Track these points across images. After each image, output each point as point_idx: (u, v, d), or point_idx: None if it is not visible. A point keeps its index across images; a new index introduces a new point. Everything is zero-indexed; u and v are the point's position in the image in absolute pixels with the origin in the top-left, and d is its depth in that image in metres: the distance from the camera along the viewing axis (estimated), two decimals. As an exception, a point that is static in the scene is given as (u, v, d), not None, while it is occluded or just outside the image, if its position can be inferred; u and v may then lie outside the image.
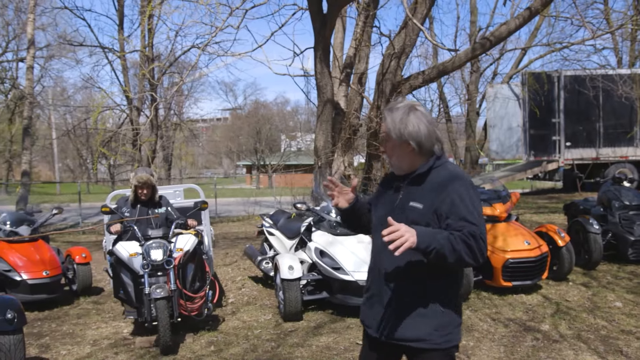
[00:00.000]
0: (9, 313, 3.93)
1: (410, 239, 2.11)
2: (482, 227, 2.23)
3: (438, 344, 2.30)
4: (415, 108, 2.35)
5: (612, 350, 4.50)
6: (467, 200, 2.25)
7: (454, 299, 2.37)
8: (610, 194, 7.55)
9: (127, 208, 5.44)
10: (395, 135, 2.33)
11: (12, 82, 24.33)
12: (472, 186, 2.32)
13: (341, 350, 4.68)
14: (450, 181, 2.29)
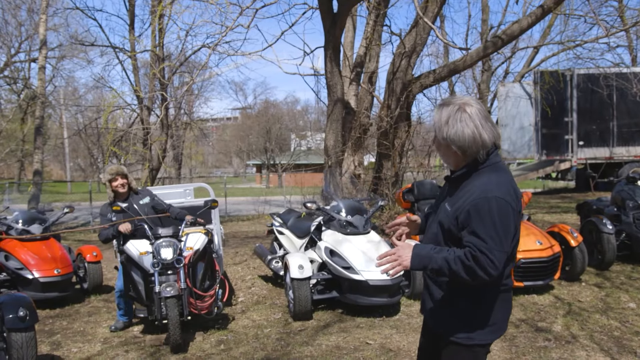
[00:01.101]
0: (21, 311, 3.98)
1: (404, 263, 2.21)
2: (492, 243, 2.13)
3: (459, 339, 2.35)
4: (465, 109, 2.23)
5: (625, 352, 4.46)
6: (485, 215, 2.16)
7: (484, 299, 2.34)
8: (624, 193, 7.47)
9: (111, 213, 5.39)
10: (439, 135, 2.29)
11: (24, 82, 24.57)
12: (498, 200, 2.17)
13: (351, 350, 4.68)
14: (477, 191, 2.22)
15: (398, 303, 5.83)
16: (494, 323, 2.36)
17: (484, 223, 2.16)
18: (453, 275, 2.19)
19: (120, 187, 5.45)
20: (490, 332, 2.37)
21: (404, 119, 10.80)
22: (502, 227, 2.16)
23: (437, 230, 2.40)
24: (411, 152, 11.64)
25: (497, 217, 2.16)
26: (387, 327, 5.27)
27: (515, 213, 2.22)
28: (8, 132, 27.50)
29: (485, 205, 2.17)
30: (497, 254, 2.14)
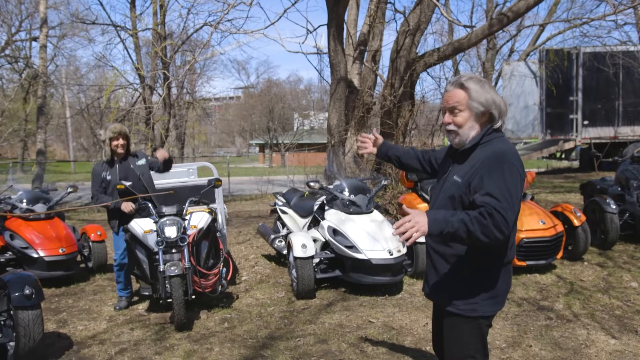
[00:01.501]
0: (27, 289, 4.02)
1: (421, 229, 2.20)
2: (506, 204, 2.22)
3: (462, 310, 2.43)
4: (484, 80, 2.45)
5: (626, 331, 4.49)
6: (497, 176, 2.28)
7: (489, 271, 2.42)
8: (629, 173, 7.44)
9: (106, 171, 5.37)
10: (479, 100, 2.40)
11: (25, 61, 24.46)
12: (510, 164, 2.31)
13: (354, 328, 4.72)
14: (490, 157, 2.34)
15: (401, 282, 5.87)
16: (497, 295, 2.44)
17: (497, 185, 2.26)
18: (469, 236, 2.21)
19: (120, 147, 5.36)
20: (493, 303, 2.44)
21: (408, 98, 10.73)
22: (514, 189, 2.27)
23: (447, 204, 2.45)
24: (414, 132, 11.59)
25: (510, 179, 2.27)
26: (390, 305, 5.31)
27: (522, 180, 2.34)
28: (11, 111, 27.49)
29: (499, 168, 2.29)
30: (510, 214, 2.22)
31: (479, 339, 2.48)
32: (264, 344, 4.43)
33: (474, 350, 2.47)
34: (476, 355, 2.48)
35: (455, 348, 2.51)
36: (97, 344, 4.59)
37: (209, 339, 4.60)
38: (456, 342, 2.50)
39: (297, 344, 4.39)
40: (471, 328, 2.45)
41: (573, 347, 4.17)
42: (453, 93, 2.43)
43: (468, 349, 2.47)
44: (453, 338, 2.51)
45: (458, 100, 2.42)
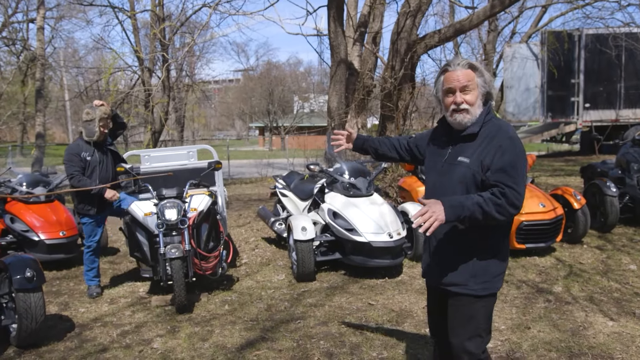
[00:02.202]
0: (28, 272, 4.04)
1: (439, 217, 2.28)
2: (518, 177, 2.35)
3: (474, 290, 2.49)
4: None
5: (624, 313, 4.52)
6: (511, 154, 2.38)
7: (494, 248, 2.50)
8: (629, 156, 7.43)
9: (85, 152, 5.24)
10: (486, 83, 2.51)
11: (23, 43, 24.25)
12: (517, 140, 2.44)
13: (354, 310, 4.75)
14: (497, 134, 2.44)
15: (400, 264, 5.89)
16: (503, 271, 2.55)
17: (510, 161, 2.37)
18: (485, 217, 2.34)
19: (105, 129, 5.30)
20: (500, 279, 2.54)
21: (408, 80, 10.66)
22: (523, 165, 2.41)
23: (456, 186, 2.48)
24: (415, 114, 11.55)
25: (520, 155, 2.41)
26: (390, 288, 5.34)
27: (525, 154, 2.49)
28: (9, 94, 27.36)
29: (511, 145, 2.40)
30: (522, 187, 2.37)
31: (488, 317, 2.56)
32: (264, 326, 4.46)
33: (483, 329, 2.54)
34: (482, 333, 2.54)
35: (466, 327, 2.53)
36: (99, 326, 4.62)
37: (210, 321, 4.63)
38: (468, 323, 2.53)
39: (298, 326, 4.42)
40: (483, 306, 2.52)
41: (571, 328, 4.20)
42: (465, 72, 2.48)
43: (478, 328, 2.53)
44: (464, 319, 2.53)
45: (470, 79, 2.48)
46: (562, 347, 3.87)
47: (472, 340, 2.52)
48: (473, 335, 2.52)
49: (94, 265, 5.49)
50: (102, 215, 5.47)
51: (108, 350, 4.10)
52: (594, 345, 3.89)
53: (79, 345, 4.23)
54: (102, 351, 4.10)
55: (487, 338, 2.58)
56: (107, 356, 4.00)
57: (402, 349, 3.91)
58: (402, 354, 3.82)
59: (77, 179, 5.18)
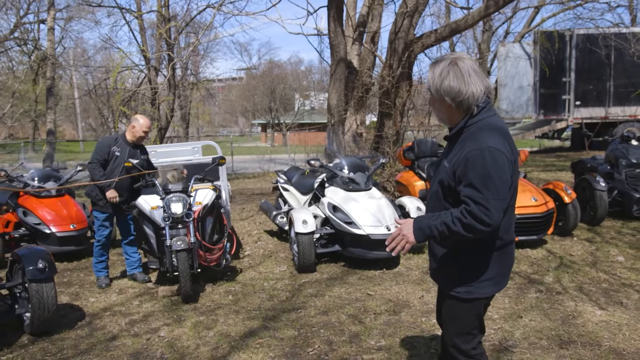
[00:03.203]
0: (40, 263, 4.05)
1: (409, 239, 2.28)
2: (489, 193, 2.11)
3: (458, 292, 2.39)
4: (456, 63, 2.23)
5: (612, 302, 4.53)
6: (479, 166, 2.14)
7: (484, 255, 2.33)
8: (618, 152, 7.43)
9: (117, 147, 5.35)
10: (433, 89, 2.29)
11: (34, 43, 24.20)
12: (491, 150, 2.14)
13: (353, 300, 4.76)
14: (471, 144, 2.20)
15: (398, 256, 5.90)
16: (493, 277, 2.36)
17: (478, 174, 2.13)
18: (455, 235, 2.18)
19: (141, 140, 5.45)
20: (489, 285, 2.38)
21: (406, 79, 10.64)
22: (497, 175, 2.13)
23: (437, 188, 2.39)
24: (412, 111, 11.53)
25: (492, 166, 2.13)
26: (387, 279, 5.35)
27: (510, 163, 2.18)
28: (21, 93, 27.35)
29: (479, 156, 2.14)
30: (493, 202, 2.11)
31: (475, 318, 2.46)
32: (267, 315, 4.47)
33: (471, 328, 2.47)
34: (472, 331, 2.48)
35: (453, 327, 2.50)
36: (108, 315, 4.63)
37: (214, 310, 4.64)
38: (454, 321, 2.49)
39: (299, 316, 4.43)
40: (467, 309, 2.42)
41: (561, 317, 4.21)
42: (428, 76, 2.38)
43: (465, 327, 2.47)
44: (451, 318, 2.50)
45: (428, 85, 2.37)
46: (553, 336, 3.88)
47: (461, 337, 2.47)
48: (462, 332, 2.47)
49: (103, 258, 5.52)
50: (112, 213, 5.46)
51: (117, 338, 4.12)
52: (583, 334, 3.90)
53: (89, 334, 4.25)
54: (111, 339, 4.11)
55: (479, 335, 2.53)
56: (116, 344, 4.02)
57: (399, 337, 3.93)
58: (399, 342, 3.84)
59: (91, 166, 5.28)
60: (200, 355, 3.76)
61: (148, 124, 5.43)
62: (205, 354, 3.77)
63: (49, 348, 3.98)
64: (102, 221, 5.43)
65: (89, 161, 5.36)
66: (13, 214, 6.66)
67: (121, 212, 5.51)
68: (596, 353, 3.59)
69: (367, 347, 3.77)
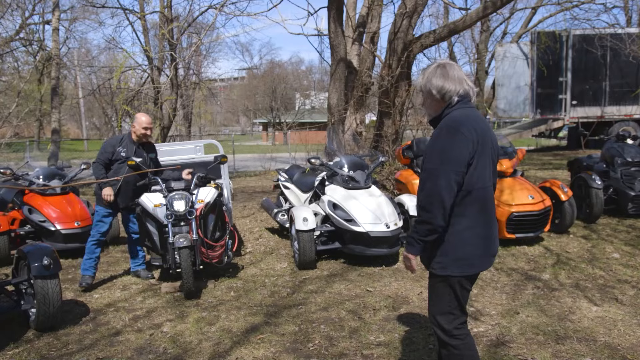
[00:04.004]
0: (46, 259, 4.05)
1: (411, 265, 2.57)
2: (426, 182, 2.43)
3: (434, 269, 2.55)
4: (444, 66, 2.55)
5: (607, 298, 4.53)
6: (430, 147, 2.47)
7: (451, 234, 2.47)
8: (614, 150, 7.43)
9: (123, 147, 5.30)
10: (423, 86, 2.57)
11: (39, 43, 24.18)
12: (447, 131, 2.42)
13: (352, 296, 4.77)
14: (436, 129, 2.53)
15: (397, 253, 5.90)
16: (464, 258, 2.49)
17: (429, 153, 2.47)
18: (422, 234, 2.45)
19: (145, 138, 5.39)
20: (461, 265, 2.50)
21: (405, 78, 10.63)
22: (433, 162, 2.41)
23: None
24: (411, 111, 11.52)
25: (431, 151, 2.45)
26: (387, 275, 5.35)
27: (467, 140, 2.38)
28: (26, 92, 27.29)
29: (429, 144, 2.49)
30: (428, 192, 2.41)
31: (452, 297, 2.55)
32: (268, 311, 4.47)
33: (450, 307, 2.56)
34: (453, 311, 2.57)
35: (432, 305, 2.63)
36: (112, 311, 4.64)
37: (216, 306, 4.65)
38: (433, 298, 2.62)
39: (300, 312, 4.44)
40: (443, 286, 2.55)
41: (558, 313, 4.21)
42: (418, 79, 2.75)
43: (443, 304, 2.57)
44: (431, 295, 2.64)
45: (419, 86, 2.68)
46: (549, 331, 3.88)
47: (444, 315, 2.57)
48: (444, 311, 2.57)
49: (94, 255, 5.35)
50: (114, 211, 5.42)
51: (121, 334, 4.12)
52: (579, 329, 3.90)
53: (93, 329, 4.25)
54: (115, 334, 4.12)
55: (461, 316, 2.60)
56: (120, 339, 4.02)
57: (398, 332, 3.93)
58: (398, 338, 3.84)
59: (95, 166, 5.29)
60: (203, 350, 3.77)
61: (148, 121, 5.37)
62: (207, 349, 3.77)
63: (54, 343, 3.99)
64: (103, 217, 5.33)
65: (93, 160, 5.36)
66: (19, 211, 6.66)
67: (128, 210, 5.48)
68: (592, 348, 3.60)
69: (366, 343, 3.77)
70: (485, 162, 2.46)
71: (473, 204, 2.44)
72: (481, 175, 2.44)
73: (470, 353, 2.59)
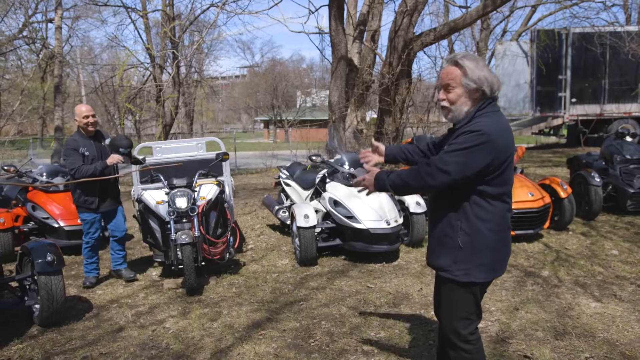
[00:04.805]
0: (49, 256, 4.06)
1: (370, 187, 2.57)
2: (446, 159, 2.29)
3: (456, 276, 2.43)
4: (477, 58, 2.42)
5: (607, 294, 4.53)
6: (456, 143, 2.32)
7: (477, 240, 2.39)
8: (613, 148, 7.42)
9: (83, 147, 4.98)
10: (472, 77, 2.36)
11: (42, 42, 24.17)
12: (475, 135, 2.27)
13: (353, 293, 4.77)
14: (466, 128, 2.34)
15: (397, 250, 5.90)
16: (488, 263, 2.41)
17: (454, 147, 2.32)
18: (403, 182, 2.44)
19: (91, 126, 5.05)
20: (485, 271, 2.43)
21: (405, 76, 10.62)
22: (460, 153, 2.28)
23: None
24: (411, 108, 11.52)
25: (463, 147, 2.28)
26: (387, 272, 5.35)
27: (492, 147, 2.26)
28: (30, 90, 27.31)
29: (463, 138, 2.30)
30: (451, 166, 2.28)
31: (472, 303, 2.48)
32: (269, 307, 4.48)
33: (468, 313, 2.49)
34: (470, 317, 2.51)
35: (450, 311, 2.53)
36: (115, 307, 4.64)
37: (218, 302, 4.65)
38: (451, 306, 2.52)
39: (301, 308, 4.44)
40: (464, 292, 2.45)
41: (557, 310, 4.21)
42: (448, 70, 2.41)
43: (462, 312, 2.49)
44: (448, 302, 2.53)
45: (452, 77, 2.39)
46: (548, 327, 3.88)
47: (461, 321, 2.50)
48: (461, 317, 2.49)
49: (94, 259, 5.29)
50: (101, 212, 5.18)
51: (124, 330, 4.13)
52: (578, 325, 3.90)
53: (96, 325, 4.26)
54: (118, 330, 4.12)
55: (477, 320, 2.55)
56: (123, 335, 4.03)
57: (399, 329, 3.93)
58: (398, 334, 3.84)
59: (77, 170, 4.92)
60: (205, 346, 3.77)
61: (87, 109, 5.04)
62: (209, 345, 3.78)
63: (57, 338, 4.00)
64: (92, 224, 5.16)
65: (70, 168, 4.99)
66: (22, 208, 6.67)
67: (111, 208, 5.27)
68: (590, 344, 3.60)
69: (367, 339, 3.78)
70: (512, 168, 2.40)
71: (498, 209, 2.38)
72: (507, 180, 2.38)
73: (481, 357, 2.55)
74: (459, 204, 2.38)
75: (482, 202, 2.35)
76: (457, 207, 2.40)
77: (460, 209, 2.39)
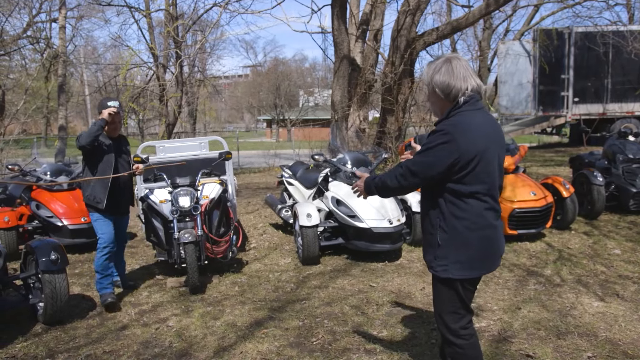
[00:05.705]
0: (53, 254, 4.07)
1: (362, 191, 2.78)
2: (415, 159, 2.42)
3: (437, 271, 2.52)
4: (450, 61, 2.42)
5: (609, 294, 4.52)
6: (424, 145, 2.44)
7: (452, 237, 2.44)
8: (615, 147, 7.39)
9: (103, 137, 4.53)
10: (427, 83, 2.51)
11: (46, 41, 24.21)
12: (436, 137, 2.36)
13: (355, 292, 4.77)
14: None
15: (399, 249, 5.89)
16: (465, 260, 2.45)
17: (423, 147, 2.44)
18: (383, 184, 2.60)
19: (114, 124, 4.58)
20: (462, 268, 2.46)
21: (408, 76, 10.61)
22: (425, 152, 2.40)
23: None
24: (414, 108, 11.50)
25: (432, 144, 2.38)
26: (389, 271, 5.35)
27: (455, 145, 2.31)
28: (34, 89, 27.35)
29: (430, 135, 2.42)
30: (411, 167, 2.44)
31: (456, 298, 2.52)
32: (272, 306, 4.48)
33: (455, 307, 2.54)
34: (458, 311, 2.55)
35: (437, 305, 2.61)
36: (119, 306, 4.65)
37: (221, 301, 4.65)
38: (438, 300, 2.60)
39: (303, 306, 4.44)
40: (445, 288, 2.52)
41: (559, 309, 4.20)
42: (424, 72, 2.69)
43: (448, 305, 2.55)
44: (435, 296, 2.62)
45: (425, 80, 2.56)
46: (550, 327, 3.87)
47: (448, 315, 2.55)
48: (448, 311, 2.55)
49: (109, 271, 4.66)
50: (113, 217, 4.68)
51: (127, 328, 4.14)
52: (580, 324, 3.89)
53: (100, 323, 4.27)
54: (121, 328, 4.13)
55: (467, 315, 2.57)
56: (127, 333, 4.04)
57: (401, 328, 3.93)
58: (400, 333, 3.84)
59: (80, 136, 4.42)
60: (208, 344, 3.78)
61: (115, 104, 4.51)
62: (212, 343, 3.78)
63: (61, 337, 4.01)
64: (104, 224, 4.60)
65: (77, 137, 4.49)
66: (26, 207, 6.69)
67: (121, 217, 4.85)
68: (593, 343, 3.59)
69: (369, 338, 3.77)
70: (489, 166, 2.38)
71: (473, 207, 2.40)
72: (482, 178, 2.38)
73: (474, 353, 2.57)
74: (438, 202, 2.46)
75: (456, 201, 2.41)
76: (436, 206, 2.47)
77: (438, 207, 2.46)
